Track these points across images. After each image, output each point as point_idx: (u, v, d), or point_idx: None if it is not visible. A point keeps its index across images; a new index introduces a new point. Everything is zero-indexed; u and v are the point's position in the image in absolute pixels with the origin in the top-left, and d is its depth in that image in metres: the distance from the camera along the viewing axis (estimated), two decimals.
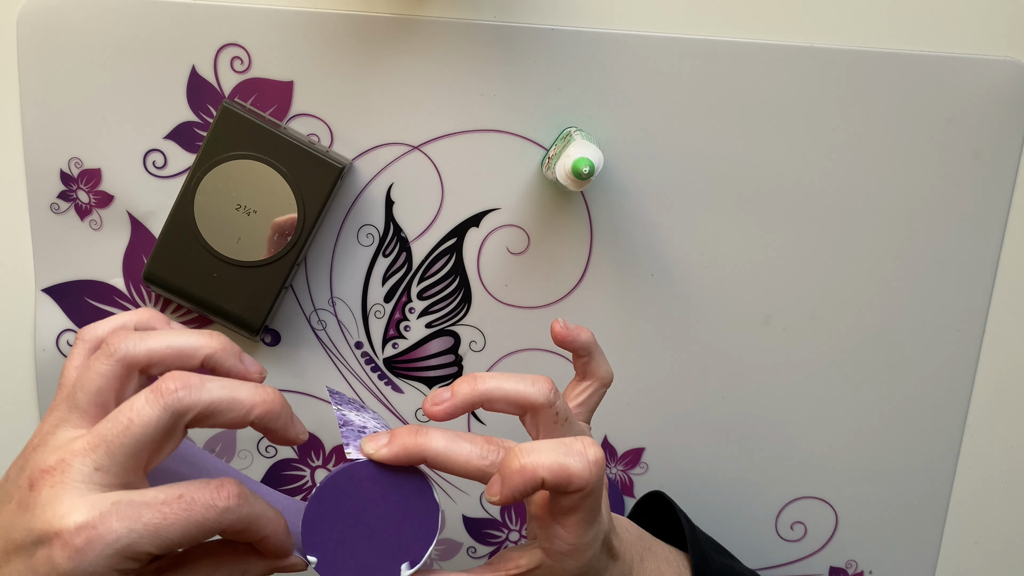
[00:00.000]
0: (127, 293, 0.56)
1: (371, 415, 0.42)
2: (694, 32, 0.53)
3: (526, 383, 0.39)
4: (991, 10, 0.53)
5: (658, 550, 0.46)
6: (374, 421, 0.42)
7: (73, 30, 0.52)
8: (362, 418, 0.42)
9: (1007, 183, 0.55)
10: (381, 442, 0.38)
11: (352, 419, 0.41)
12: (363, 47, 0.53)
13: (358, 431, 0.40)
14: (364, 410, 0.43)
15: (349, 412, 0.41)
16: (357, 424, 0.41)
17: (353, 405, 0.43)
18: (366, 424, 0.41)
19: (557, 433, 0.40)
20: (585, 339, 0.45)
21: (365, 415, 0.42)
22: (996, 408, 0.58)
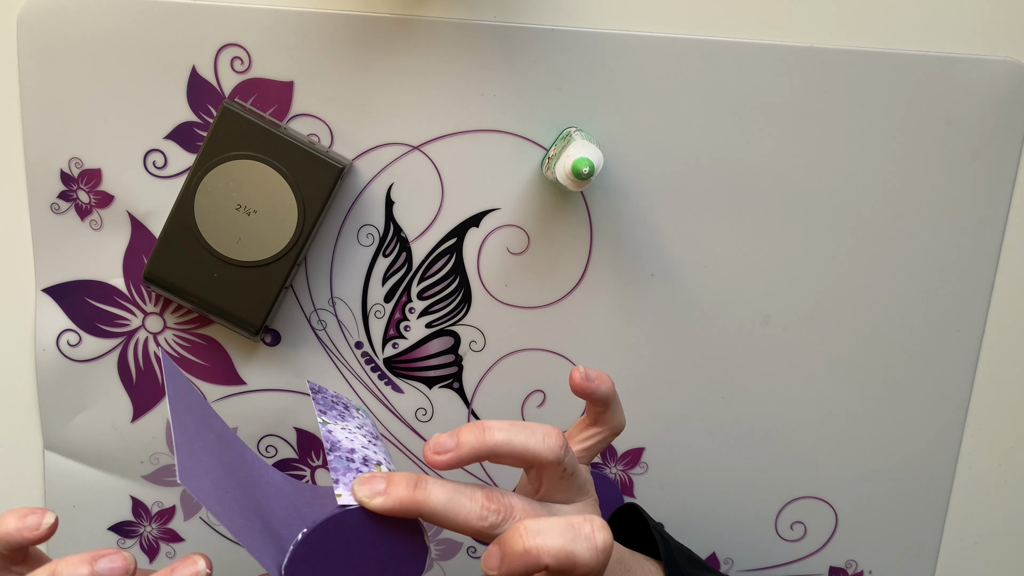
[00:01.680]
0: (127, 293, 0.56)
1: (356, 422, 0.42)
2: (694, 32, 0.53)
3: (536, 438, 0.38)
4: (991, 10, 0.53)
5: (637, 570, 0.45)
6: (361, 435, 0.41)
7: (73, 30, 0.52)
8: (349, 433, 0.41)
9: (1007, 183, 0.55)
10: (376, 489, 0.37)
11: (339, 438, 0.40)
12: (363, 47, 0.53)
13: (346, 459, 0.39)
14: (348, 413, 0.42)
15: (335, 426, 0.41)
16: (345, 448, 0.40)
17: (337, 408, 0.42)
18: (354, 446, 0.40)
19: (561, 488, 0.39)
20: (605, 390, 0.43)
21: (350, 423, 0.42)
22: (996, 408, 0.58)
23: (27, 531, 0.38)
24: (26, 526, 0.38)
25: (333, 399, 0.44)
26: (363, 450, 0.41)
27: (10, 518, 0.38)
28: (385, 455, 0.42)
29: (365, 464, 0.41)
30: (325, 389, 0.45)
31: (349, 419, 0.42)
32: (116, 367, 0.57)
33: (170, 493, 0.59)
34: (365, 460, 0.41)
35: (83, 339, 0.57)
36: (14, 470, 0.59)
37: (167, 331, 0.57)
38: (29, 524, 0.38)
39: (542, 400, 0.58)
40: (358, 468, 0.40)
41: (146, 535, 0.60)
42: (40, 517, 0.38)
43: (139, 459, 0.59)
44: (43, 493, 0.59)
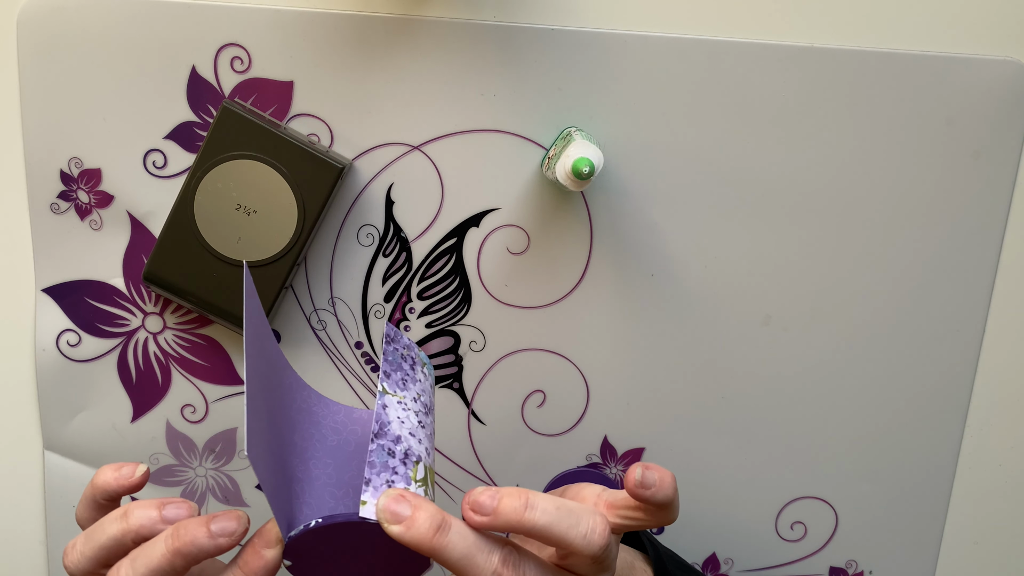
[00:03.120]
0: (127, 293, 0.56)
1: (417, 387, 0.40)
2: (694, 32, 0.53)
3: (578, 532, 0.37)
4: (991, 10, 0.53)
5: (639, 571, 0.46)
6: (414, 411, 0.40)
7: (73, 30, 0.52)
8: (403, 410, 0.40)
9: (1007, 183, 0.55)
10: (400, 514, 0.36)
11: (390, 418, 0.39)
12: (363, 47, 0.53)
13: (388, 451, 0.38)
14: (413, 375, 0.40)
15: (392, 398, 0.39)
16: (391, 434, 0.39)
17: (403, 369, 0.40)
18: (401, 432, 0.39)
19: (589, 570, 0.39)
20: (663, 497, 0.39)
21: (410, 390, 0.40)
22: (996, 408, 0.58)
23: (123, 479, 0.42)
24: (121, 475, 0.42)
25: (404, 353, 0.41)
26: (409, 439, 0.40)
27: (107, 470, 0.42)
28: (428, 442, 0.41)
29: (404, 462, 0.39)
30: (400, 336, 0.42)
31: (411, 385, 0.41)
32: (116, 367, 0.57)
33: (170, 494, 0.59)
34: (406, 455, 0.39)
35: (83, 339, 0.57)
36: (14, 470, 0.59)
37: (167, 331, 0.57)
38: (124, 474, 0.42)
39: (542, 400, 0.58)
40: (395, 468, 0.39)
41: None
42: (133, 468, 0.42)
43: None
44: (43, 493, 0.59)
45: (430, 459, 0.40)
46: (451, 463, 0.59)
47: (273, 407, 0.41)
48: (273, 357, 0.42)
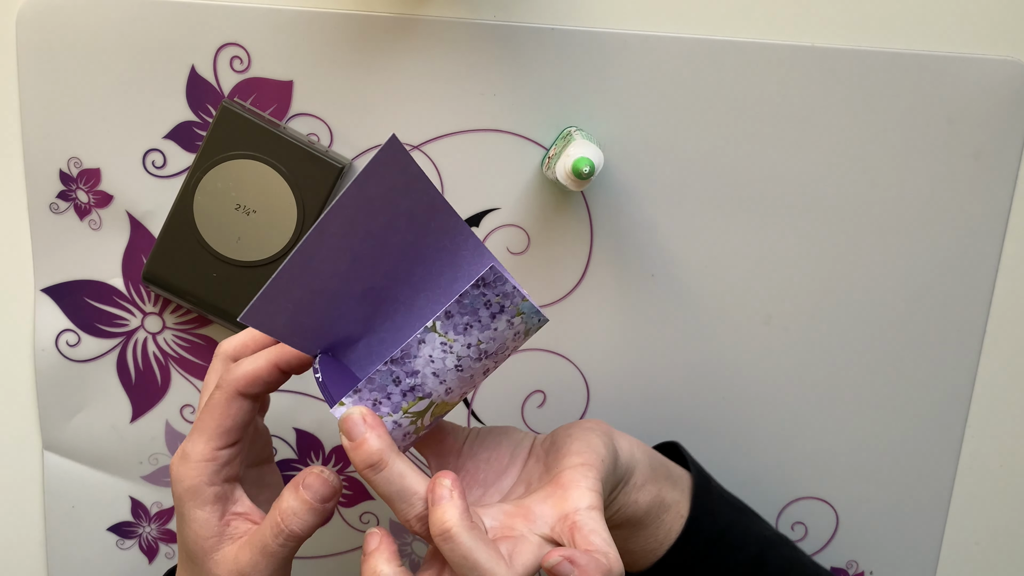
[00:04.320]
0: (126, 293, 0.56)
1: (489, 332, 0.39)
2: (694, 32, 0.53)
3: (407, 516, 0.38)
4: (991, 10, 0.53)
5: (677, 475, 0.49)
6: (458, 353, 0.39)
7: (73, 30, 0.52)
8: (446, 350, 0.39)
9: (1008, 183, 0.55)
10: (353, 435, 0.38)
11: (419, 353, 0.38)
12: (363, 47, 0.53)
13: (394, 379, 0.39)
14: (494, 320, 0.39)
15: (438, 336, 0.38)
16: (410, 367, 0.39)
17: (481, 313, 0.38)
18: (426, 372, 0.39)
19: None
20: None
21: (474, 334, 0.39)
22: (997, 408, 0.58)
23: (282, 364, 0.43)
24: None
25: (492, 299, 0.38)
26: (428, 378, 0.39)
27: (260, 359, 0.43)
28: (458, 383, 0.39)
29: (406, 394, 0.39)
30: (503, 282, 0.38)
31: (473, 331, 0.39)
32: (115, 367, 0.57)
33: (170, 493, 0.59)
34: (413, 389, 0.39)
35: (82, 339, 0.57)
36: (13, 470, 0.59)
37: (166, 331, 0.57)
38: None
39: (542, 400, 0.58)
40: (390, 394, 0.39)
41: (145, 536, 0.60)
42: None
43: (138, 459, 0.59)
44: (42, 493, 0.59)
45: (448, 396, 0.40)
46: None
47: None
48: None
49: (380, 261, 0.40)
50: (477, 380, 0.41)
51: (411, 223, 0.39)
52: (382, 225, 0.38)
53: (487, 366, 0.40)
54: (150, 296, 0.56)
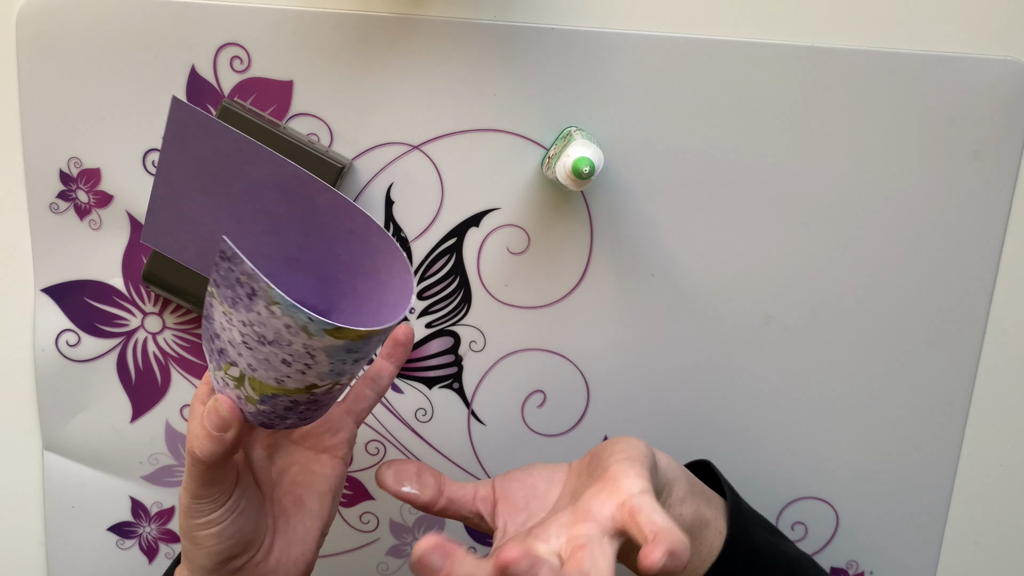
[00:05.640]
0: (126, 293, 0.56)
1: (250, 315, 0.38)
2: (694, 32, 0.53)
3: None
4: (991, 10, 0.53)
5: (708, 514, 0.47)
6: (239, 330, 0.39)
7: (72, 30, 0.52)
8: (228, 321, 0.39)
9: (1008, 183, 0.55)
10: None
11: (213, 316, 0.39)
12: (363, 47, 0.53)
13: (212, 336, 0.40)
14: (252, 303, 0.38)
15: (220, 306, 0.39)
16: (212, 329, 0.40)
17: (237, 291, 0.38)
18: (222, 335, 0.40)
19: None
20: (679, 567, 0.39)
21: (238, 315, 0.38)
22: (997, 408, 0.58)
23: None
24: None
25: (241, 279, 0.38)
26: (227, 344, 0.39)
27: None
28: (259, 365, 0.39)
29: (220, 355, 0.40)
30: (240, 263, 0.37)
31: (241, 310, 0.38)
32: (115, 367, 0.57)
33: (169, 493, 0.59)
34: (221, 352, 0.40)
35: (82, 339, 0.57)
36: (13, 470, 0.59)
37: (166, 331, 0.57)
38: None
39: (542, 400, 0.58)
40: (211, 352, 0.40)
41: (145, 536, 0.60)
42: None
43: (138, 459, 0.59)
44: (42, 493, 0.59)
45: (256, 374, 0.39)
46: (451, 463, 0.59)
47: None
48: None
49: (232, 202, 0.42)
50: (287, 371, 0.39)
51: (240, 173, 0.42)
52: (214, 172, 0.42)
53: (283, 357, 0.39)
54: (150, 296, 0.56)
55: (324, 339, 0.38)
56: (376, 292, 0.43)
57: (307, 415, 0.42)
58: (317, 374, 0.39)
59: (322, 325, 0.37)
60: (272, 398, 0.40)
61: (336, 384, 0.41)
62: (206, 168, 0.42)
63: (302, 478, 0.46)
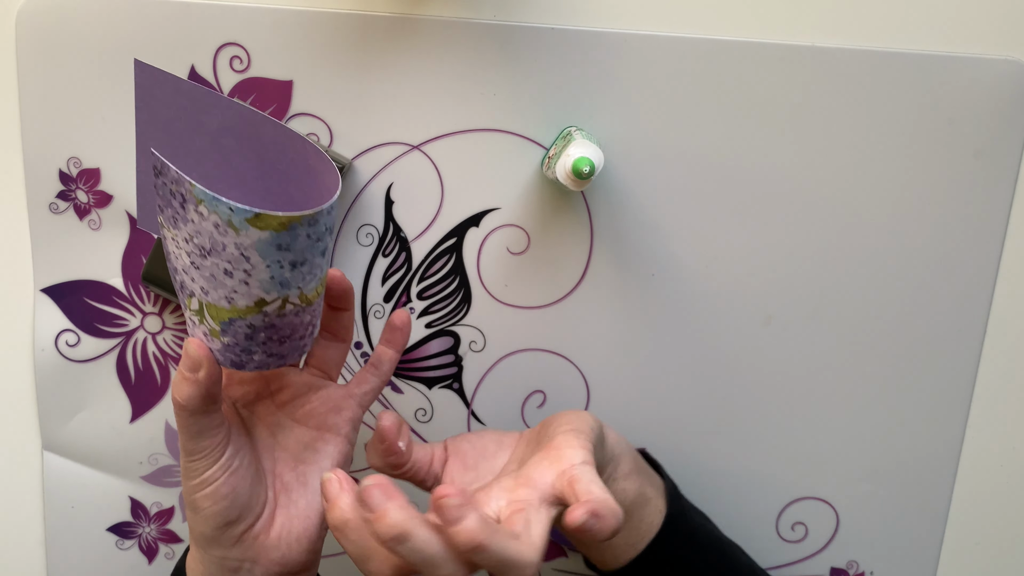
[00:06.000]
0: (126, 293, 0.56)
1: (190, 228, 0.39)
2: (694, 32, 0.53)
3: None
4: (991, 10, 0.53)
5: (649, 492, 0.50)
6: (187, 251, 0.40)
7: (72, 30, 0.52)
8: (176, 247, 0.40)
9: (1008, 183, 0.55)
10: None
11: (169, 249, 0.41)
12: (363, 47, 0.53)
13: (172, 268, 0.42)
14: (184, 213, 0.39)
15: (167, 232, 0.40)
16: (172, 263, 0.42)
17: (172, 206, 0.39)
18: (176, 265, 0.41)
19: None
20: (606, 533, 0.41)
21: (182, 230, 0.39)
22: (998, 408, 0.58)
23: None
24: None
25: (173, 189, 0.39)
26: (182, 274, 0.41)
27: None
28: (208, 283, 0.40)
29: (181, 290, 0.41)
30: (168, 170, 0.39)
31: (181, 224, 0.40)
32: (115, 367, 0.57)
33: (169, 494, 0.59)
34: (182, 286, 0.41)
35: (82, 339, 0.57)
36: (13, 470, 0.59)
37: (166, 331, 0.57)
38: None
39: (542, 400, 0.58)
40: (178, 291, 0.42)
41: (145, 536, 0.60)
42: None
43: (138, 460, 0.59)
44: (42, 493, 0.59)
45: (208, 297, 0.40)
46: None
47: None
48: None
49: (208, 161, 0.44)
50: (232, 284, 0.40)
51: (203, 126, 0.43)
52: (179, 132, 0.43)
53: (224, 267, 0.40)
54: (150, 296, 0.56)
55: (250, 232, 0.38)
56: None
57: (271, 348, 0.43)
58: (259, 283, 0.40)
59: (243, 215, 0.38)
60: (230, 324, 0.41)
61: (285, 301, 0.41)
62: (172, 128, 0.43)
63: (305, 455, 0.47)
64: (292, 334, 0.43)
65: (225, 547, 0.44)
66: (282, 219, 0.38)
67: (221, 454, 0.43)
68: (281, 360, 0.44)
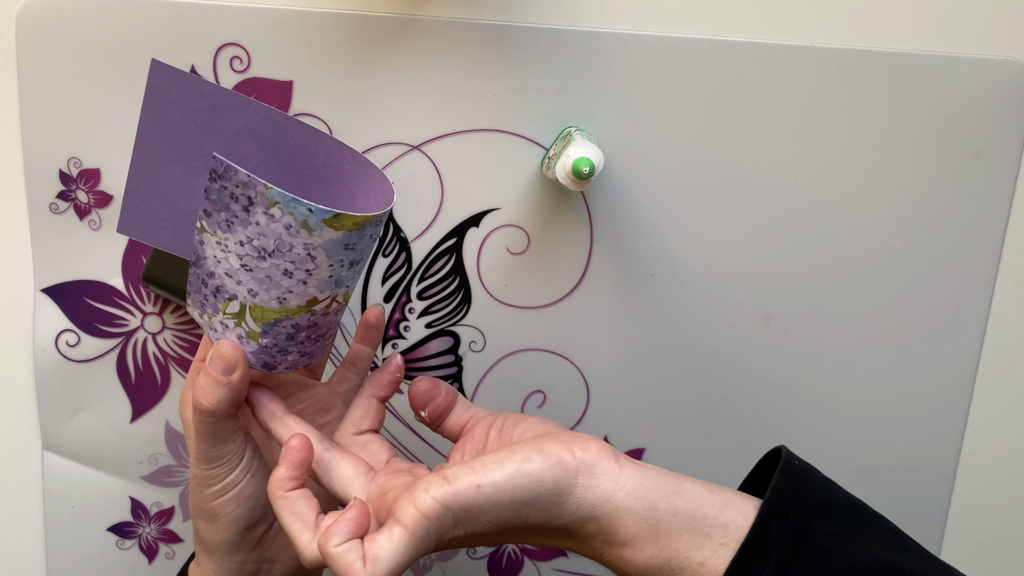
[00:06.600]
0: (126, 293, 0.56)
1: (249, 230, 0.39)
2: (694, 32, 0.53)
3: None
4: (991, 10, 0.53)
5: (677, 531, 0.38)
6: (237, 254, 0.40)
7: (72, 30, 0.52)
8: (223, 250, 0.40)
9: (1008, 183, 0.55)
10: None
11: (206, 254, 0.40)
12: (363, 47, 0.53)
13: (202, 280, 0.41)
14: (248, 216, 0.38)
15: (211, 236, 0.40)
16: (206, 268, 0.41)
17: (231, 209, 0.39)
18: (216, 270, 0.41)
19: None
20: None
21: (236, 234, 0.39)
22: (997, 408, 0.58)
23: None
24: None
25: (235, 192, 0.39)
26: (224, 278, 0.40)
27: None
28: (258, 284, 0.40)
29: (216, 295, 0.41)
30: (234, 174, 0.38)
31: (238, 227, 0.39)
32: (115, 367, 0.57)
33: (169, 494, 0.59)
34: (218, 290, 0.41)
35: (82, 339, 0.57)
36: (13, 470, 0.59)
37: (166, 331, 0.57)
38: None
39: (542, 400, 0.58)
40: (206, 296, 0.41)
41: (145, 536, 0.60)
42: None
43: (138, 460, 0.59)
44: (42, 493, 0.59)
45: (257, 299, 0.41)
46: None
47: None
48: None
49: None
50: (289, 284, 0.40)
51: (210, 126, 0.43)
52: (191, 134, 0.42)
53: (285, 267, 0.40)
54: (150, 296, 0.56)
55: (323, 232, 0.39)
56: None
57: (306, 347, 0.43)
58: (317, 283, 0.40)
59: (322, 215, 0.39)
60: (274, 325, 0.41)
61: (333, 300, 0.42)
62: (183, 131, 0.42)
63: None
64: (326, 332, 0.44)
65: (246, 551, 0.44)
66: (357, 219, 0.39)
67: (242, 457, 0.43)
68: (310, 359, 0.44)
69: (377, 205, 0.43)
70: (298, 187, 0.45)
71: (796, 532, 0.37)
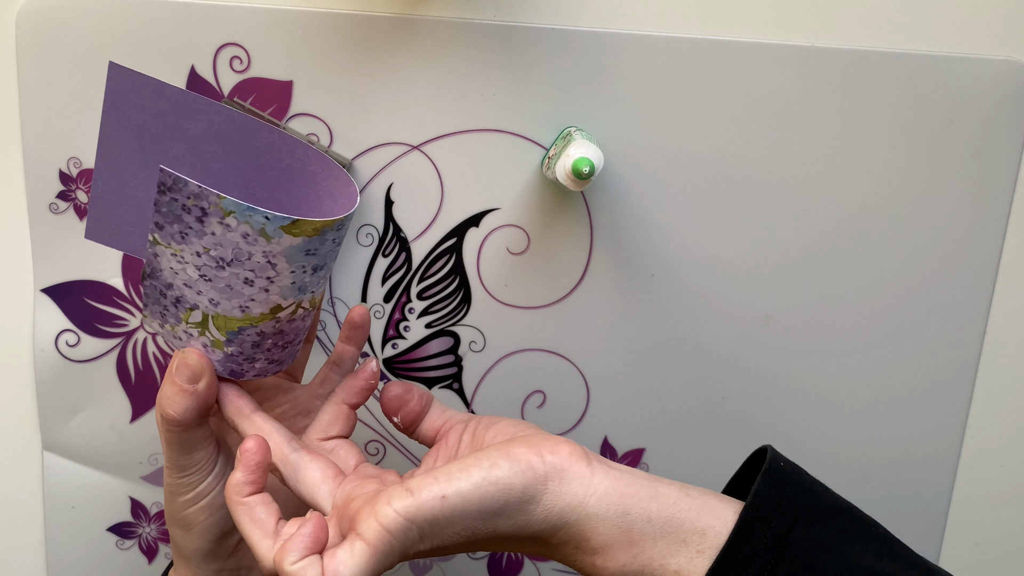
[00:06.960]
0: (126, 293, 0.56)
1: (205, 241, 0.38)
2: (694, 32, 0.53)
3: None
4: (991, 10, 0.53)
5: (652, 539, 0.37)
6: (195, 265, 0.39)
7: (72, 30, 0.52)
8: (179, 262, 0.39)
9: (1008, 183, 0.55)
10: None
11: (162, 267, 0.39)
12: (363, 47, 0.53)
13: (160, 291, 0.40)
14: (202, 227, 0.38)
15: (165, 248, 0.39)
16: (163, 280, 0.40)
17: (184, 221, 0.38)
18: (174, 281, 0.40)
19: None
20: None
21: (192, 245, 0.38)
22: (997, 408, 0.58)
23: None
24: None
25: (186, 204, 0.38)
26: (183, 288, 0.40)
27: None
28: (219, 294, 0.39)
29: (176, 305, 0.40)
30: (183, 186, 0.37)
31: (193, 238, 0.38)
32: (115, 367, 0.57)
33: None
34: (178, 301, 0.40)
35: (82, 339, 0.57)
36: (13, 470, 0.59)
37: None
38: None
39: (542, 401, 0.58)
40: (166, 307, 0.40)
41: (145, 536, 0.60)
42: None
43: (138, 460, 0.59)
44: (42, 493, 0.59)
45: (219, 308, 0.40)
46: None
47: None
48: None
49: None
50: (250, 293, 0.40)
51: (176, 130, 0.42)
52: (153, 138, 0.42)
53: (245, 276, 0.39)
54: None
55: (282, 239, 0.38)
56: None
57: (274, 354, 0.42)
58: (280, 290, 0.40)
59: (280, 222, 0.38)
60: (238, 334, 0.41)
61: (298, 306, 0.41)
62: (145, 135, 0.42)
63: None
64: (294, 339, 0.43)
65: (221, 559, 0.44)
66: (316, 224, 0.38)
67: (214, 465, 0.43)
68: (279, 366, 0.43)
69: (344, 208, 0.43)
70: (264, 190, 0.44)
71: (778, 539, 0.36)
